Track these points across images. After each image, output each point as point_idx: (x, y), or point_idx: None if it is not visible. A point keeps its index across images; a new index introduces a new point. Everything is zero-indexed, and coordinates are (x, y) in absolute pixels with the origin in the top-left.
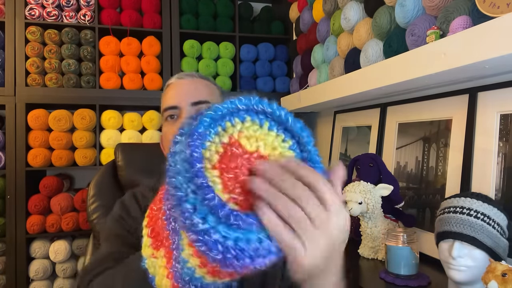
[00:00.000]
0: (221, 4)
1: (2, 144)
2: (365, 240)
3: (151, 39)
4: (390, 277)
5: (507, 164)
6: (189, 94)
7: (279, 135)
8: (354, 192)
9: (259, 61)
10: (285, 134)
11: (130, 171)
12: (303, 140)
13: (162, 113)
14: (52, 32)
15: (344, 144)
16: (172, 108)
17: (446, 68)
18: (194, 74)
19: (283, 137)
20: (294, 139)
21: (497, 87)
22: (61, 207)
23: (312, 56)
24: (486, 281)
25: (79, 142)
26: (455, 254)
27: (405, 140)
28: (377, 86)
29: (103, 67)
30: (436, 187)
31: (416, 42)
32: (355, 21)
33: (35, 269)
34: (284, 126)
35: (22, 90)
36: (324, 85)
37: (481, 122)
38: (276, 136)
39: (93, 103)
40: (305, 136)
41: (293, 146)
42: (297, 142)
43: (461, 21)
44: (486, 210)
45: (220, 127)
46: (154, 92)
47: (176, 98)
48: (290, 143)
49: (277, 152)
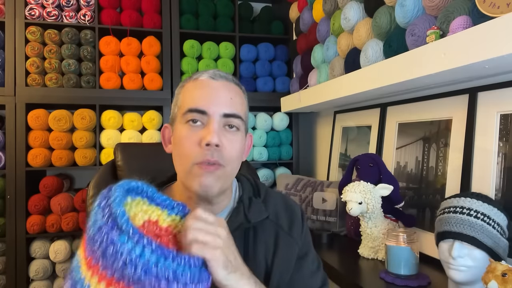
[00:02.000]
0: (221, 4)
1: (2, 144)
2: (365, 240)
3: (151, 39)
4: (390, 277)
5: (507, 164)
6: (223, 102)
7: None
8: (354, 192)
9: (259, 61)
10: (137, 196)
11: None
12: (150, 194)
13: (182, 112)
14: (52, 32)
15: (344, 144)
16: (200, 112)
17: (446, 68)
18: (229, 76)
19: (140, 199)
20: (145, 196)
21: (497, 87)
22: (61, 207)
23: (312, 56)
24: (486, 281)
25: (79, 142)
26: (455, 254)
27: (405, 140)
28: (377, 86)
29: (103, 67)
30: (436, 187)
31: (416, 42)
32: (355, 21)
33: (35, 269)
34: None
35: (22, 90)
36: (324, 85)
37: (481, 122)
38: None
39: (93, 103)
40: (148, 192)
41: (150, 201)
42: (148, 198)
43: (461, 21)
44: (486, 210)
45: None
46: (154, 92)
47: (206, 102)
48: (146, 202)
49: (149, 212)
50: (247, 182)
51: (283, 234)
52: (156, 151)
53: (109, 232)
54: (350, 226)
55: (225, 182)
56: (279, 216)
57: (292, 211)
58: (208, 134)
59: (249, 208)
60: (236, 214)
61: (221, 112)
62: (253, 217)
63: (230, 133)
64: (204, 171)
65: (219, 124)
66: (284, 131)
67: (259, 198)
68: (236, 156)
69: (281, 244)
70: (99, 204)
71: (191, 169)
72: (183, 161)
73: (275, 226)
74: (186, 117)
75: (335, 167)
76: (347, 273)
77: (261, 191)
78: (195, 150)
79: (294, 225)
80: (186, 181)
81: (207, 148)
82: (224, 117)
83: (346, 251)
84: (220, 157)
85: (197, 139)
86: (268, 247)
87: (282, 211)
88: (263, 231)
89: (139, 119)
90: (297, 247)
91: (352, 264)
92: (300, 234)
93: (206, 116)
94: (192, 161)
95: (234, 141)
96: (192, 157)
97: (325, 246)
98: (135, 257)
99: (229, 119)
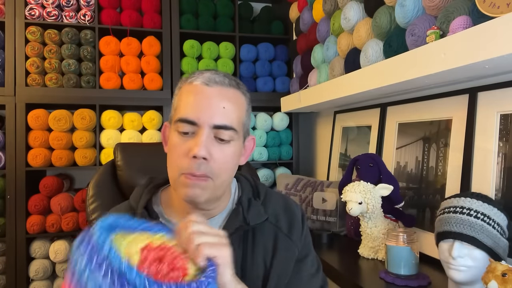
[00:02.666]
0: (221, 4)
1: (2, 144)
2: (365, 240)
3: (151, 39)
4: (390, 277)
5: (507, 164)
6: (215, 112)
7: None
8: (354, 192)
9: (259, 61)
10: None
11: (129, 171)
12: None
13: (174, 119)
14: (52, 32)
15: (344, 144)
16: (189, 122)
17: (446, 68)
18: (225, 80)
19: None
20: None
21: (497, 87)
22: (61, 207)
23: (312, 56)
24: (486, 281)
25: (79, 142)
26: (455, 254)
27: (405, 140)
28: (377, 86)
29: (103, 67)
30: (436, 187)
31: (416, 42)
32: (355, 21)
33: (35, 269)
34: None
35: (22, 90)
36: (324, 85)
37: (481, 122)
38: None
39: (93, 103)
40: None
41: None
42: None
43: (461, 21)
44: (486, 210)
45: None
46: (154, 92)
47: (196, 112)
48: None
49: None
50: (247, 183)
51: (282, 236)
52: (156, 151)
53: None
54: (350, 226)
55: (213, 192)
56: (279, 218)
57: (292, 213)
58: (196, 146)
59: (248, 210)
60: (234, 216)
61: (211, 124)
62: (252, 220)
63: (221, 144)
64: (190, 181)
65: (209, 135)
66: (284, 131)
67: (258, 199)
68: (226, 168)
69: (280, 246)
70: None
71: (179, 178)
72: (172, 169)
73: (275, 228)
74: (177, 126)
75: (335, 167)
76: (347, 273)
77: (261, 192)
78: (183, 160)
79: (294, 227)
80: (175, 189)
81: (194, 161)
82: (215, 129)
83: (346, 251)
84: (208, 170)
85: (185, 149)
86: (267, 249)
87: (282, 212)
88: (262, 233)
89: (139, 119)
90: (296, 250)
91: (352, 264)
92: (299, 237)
93: (196, 126)
94: (179, 171)
95: (226, 152)
96: (179, 167)
97: (325, 246)
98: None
99: (220, 130)
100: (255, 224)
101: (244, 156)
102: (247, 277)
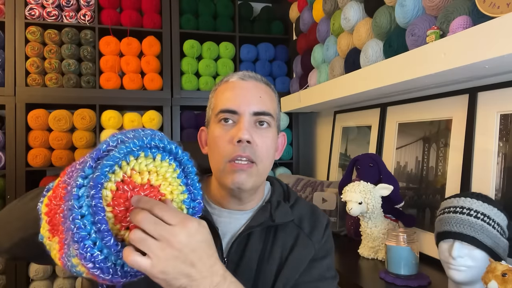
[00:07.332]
0: (221, 4)
1: (2, 144)
2: (365, 240)
3: (151, 39)
4: (390, 277)
5: (507, 164)
6: (253, 101)
7: (171, 164)
8: (354, 192)
9: (259, 61)
10: (176, 163)
11: None
12: (188, 169)
13: (214, 113)
14: (52, 32)
15: (344, 144)
16: (231, 112)
17: (446, 68)
18: (258, 76)
19: (174, 166)
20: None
21: (497, 87)
22: None
23: (312, 56)
24: (486, 281)
25: (79, 142)
26: (455, 254)
27: (405, 140)
28: (377, 86)
29: (103, 67)
30: (436, 187)
31: (416, 42)
32: (355, 21)
33: (35, 269)
34: (174, 157)
35: (22, 90)
36: (324, 85)
37: (481, 122)
38: (168, 166)
39: (93, 103)
40: (190, 166)
41: (180, 175)
42: (182, 171)
43: (461, 21)
44: (486, 210)
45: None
46: (154, 92)
47: (236, 102)
48: (178, 172)
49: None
50: (280, 187)
51: (303, 235)
52: None
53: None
54: (350, 226)
55: (257, 179)
56: (303, 221)
57: (317, 218)
58: (239, 131)
59: (276, 209)
60: (262, 211)
61: (251, 111)
62: (278, 218)
63: (261, 129)
64: (237, 168)
65: (250, 122)
66: (284, 131)
67: (287, 202)
68: (267, 153)
69: (299, 243)
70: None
71: (225, 167)
72: (217, 159)
73: (297, 229)
74: (218, 117)
75: (335, 167)
76: (347, 273)
77: (291, 197)
78: (228, 147)
79: (316, 230)
80: (220, 179)
81: (238, 145)
82: (254, 115)
83: (346, 251)
84: (251, 153)
85: (229, 137)
86: (286, 247)
87: (308, 217)
88: (284, 232)
89: (139, 119)
90: (313, 250)
91: (352, 264)
92: (320, 239)
93: (237, 115)
94: (225, 159)
95: (266, 137)
96: (224, 155)
97: None
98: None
99: (259, 116)
100: (280, 223)
101: (278, 151)
102: (262, 270)
